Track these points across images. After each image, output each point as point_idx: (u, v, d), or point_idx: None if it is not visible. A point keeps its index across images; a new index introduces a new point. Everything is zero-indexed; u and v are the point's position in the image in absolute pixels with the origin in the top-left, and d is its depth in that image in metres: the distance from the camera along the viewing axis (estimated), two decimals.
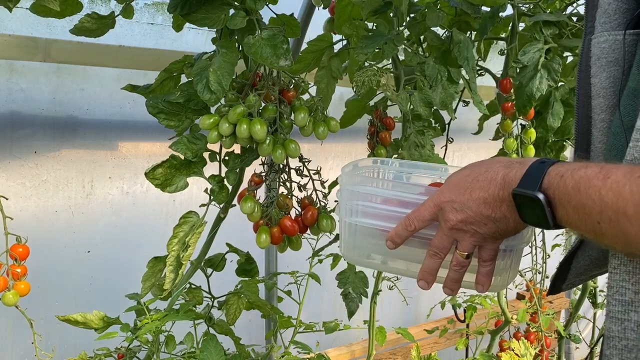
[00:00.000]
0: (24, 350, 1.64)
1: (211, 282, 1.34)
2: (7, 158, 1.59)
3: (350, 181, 0.95)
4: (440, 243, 0.81)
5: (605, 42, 0.71)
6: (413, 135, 1.35)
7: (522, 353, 1.88)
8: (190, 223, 1.18)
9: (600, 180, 0.59)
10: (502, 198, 0.72)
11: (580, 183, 0.61)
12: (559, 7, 1.66)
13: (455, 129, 1.72)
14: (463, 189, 0.76)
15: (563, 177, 0.64)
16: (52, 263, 1.68)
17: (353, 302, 1.46)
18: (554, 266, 2.73)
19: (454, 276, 0.83)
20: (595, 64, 0.71)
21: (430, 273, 0.83)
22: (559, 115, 1.60)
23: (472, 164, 0.79)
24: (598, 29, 0.72)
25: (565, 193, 0.63)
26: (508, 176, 0.71)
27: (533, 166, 0.68)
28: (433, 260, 0.82)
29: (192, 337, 1.21)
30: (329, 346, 2.18)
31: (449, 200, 0.77)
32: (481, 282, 0.83)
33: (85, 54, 1.58)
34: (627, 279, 0.61)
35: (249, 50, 1.07)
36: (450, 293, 0.86)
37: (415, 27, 1.42)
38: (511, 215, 0.72)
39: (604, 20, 0.71)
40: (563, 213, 0.65)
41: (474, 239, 0.78)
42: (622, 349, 0.61)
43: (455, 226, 0.77)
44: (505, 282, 0.89)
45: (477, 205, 0.74)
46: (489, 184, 0.73)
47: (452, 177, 0.80)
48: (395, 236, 0.84)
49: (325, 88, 1.50)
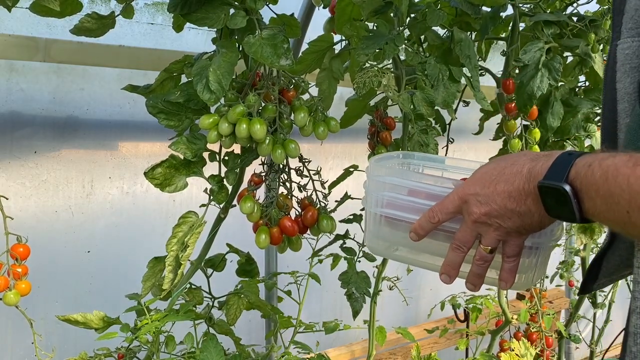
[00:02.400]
0: (24, 350, 1.64)
1: (211, 282, 1.34)
2: (7, 158, 1.59)
3: (377, 172, 0.95)
4: (463, 236, 0.80)
5: (629, 49, 0.71)
6: (417, 135, 1.35)
7: (523, 353, 1.88)
8: (189, 223, 1.18)
9: (629, 168, 0.59)
10: (527, 191, 0.71)
11: (609, 172, 0.61)
12: (559, 7, 1.66)
13: (455, 129, 1.71)
14: (488, 182, 0.75)
15: (591, 167, 0.63)
16: (52, 263, 1.68)
17: (357, 302, 1.46)
18: (553, 266, 2.74)
19: (477, 271, 0.82)
20: (620, 69, 0.71)
21: (453, 267, 0.83)
22: (559, 115, 1.60)
23: (498, 158, 0.79)
24: (624, 35, 0.71)
25: (593, 183, 0.63)
26: (534, 169, 0.71)
27: (560, 158, 0.68)
28: (456, 253, 0.81)
29: (192, 337, 1.21)
30: (329, 346, 2.18)
31: (473, 193, 0.77)
32: (504, 279, 0.82)
33: (85, 54, 1.58)
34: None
35: (250, 49, 1.07)
36: (473, 289, 0.85)
37: (416, 26, 1.41)
38: (536, 209, 0.72)
39: (630, 26, 0.71)
40: (590, 204, 0.64)
41: (498, 233, 0.77)
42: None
43: (478, 219, 0.77)
44: (530, 281, 0.87)
45: (502, 199, 0.74)
46: (514, 177, 0.73)
47: (477, 171, 0.80)
48: (418, 228, 0.84)
49: (327, 89, 1.50)
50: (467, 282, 0.85)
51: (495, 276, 0.84)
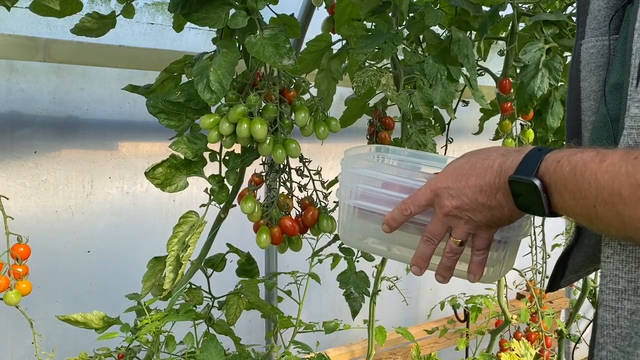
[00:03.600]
0: (24, 350, 1.64)
1: (211, 282, 1.34)
2: (7, 158, 1.59)
3: (352, 164, 0.95)
4: (434, 229, 0.81)
5: (593, 48, 0.72)
6: (415, 135, 1.36)
7: (523, 353, 1.88)
8: (190, 223, 1.18)
9: (596, 163, 0.60)
10: (498, 186, 0.72)
11: (577, 167, 0.62)
12: (559, 7, 1.66)
13: (455, 129, 1.72)
14: (460, 175, 0.76)
15: (560, 163, 0.65)
16: (52, 263, 1.68)
17: (356, 302, 1.46)
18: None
19: (446, 263, 0.83)
20: (585, 68, 0.73)
21: (424, 259, 0.84)
22: (559, 115, 1.60)
23: (470, 152, 0.80)
24: (588, 35, 0.73)
25: (562, 178, 0.64)
26: (505, 164, 0.72)
27: (530, 153, 0.69)
28: (427, 246, 0.82)
29: (192, 337, 1.21)
30: (329, 346, 2.18)
31: (445, 187, 0.78)
32: (473, 272, 0.83)
33: (85, 54, 1.58)
34: (620, 267, 0.62)
35: (252, 49, 1.07)
36: (442, 281, 0.86)
37: (414, 26, 1.42)
38: (506, 203, 0.73)
39: (593, 26, 0.73)
40: (559, 199, 0.65)
41: (468, 226, 0.78)
42: (615, 337, 0.62)
43: (449, 212, 0.78)
44: (498, 274, 0.89)
45: (473, 193, 0.75)
46: (485, 172, 0.74)
47: (450, 164, 0.81)
48: (391, 220, 0.85)
49: (326, 90, 1.50)
50: (436, 274, 0.86)
51: (465, 269, 0.85)
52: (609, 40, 0.71)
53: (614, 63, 0.69)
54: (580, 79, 0.74)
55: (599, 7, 0.73)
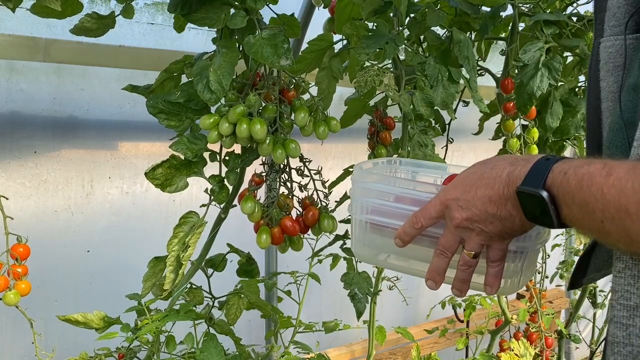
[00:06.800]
0: (24, 350, 1.64)
1: (211, 282, 1.34)
2: (7, 158, 1.59)
3: (363, 178, 0.95)
4: (446, 242, 0.79)
5: (612, 47, 0.70)
6: (417, 135, 1.36)
7: (522, 353, 1.88)
8: (190, 223, 1.18)
9: (602, 177, 0.58)
10: (507, 196, 0.71)
11: (583, 180, 0.60)
12: (559, 7, 1.66)
13: (455, 129, 1.72)
14: (469, 186, 0.75)
15: (566, 175, 0.63)
16: (52, 263, 1.68)
17: (360, 303, 1.46)
18: (553, 266, 2.74)
19: (461, 276, 0.81)
20: (603, 67, 0.71)
21: (438, 273, 0.82)
22: (558, 115, 1.60)
23: (479, 162, 0.78)
24: (607, 32, 0.71)
25: (569, 191, 0.62)
26: (513, 173, 0.70)
27: (538, 163, 0.67)
28: (440, 259, 0.81)
29: (193, 337, 1.21)
30: (329, 346, 2.18)
31: (454, 198, 0.76)
32: (490, 284, 0.81)
33: (85, 54, 1.58)
34: (632, 283, 0.60)
35: (250, 49, 1.07)
36: (459, 295, 0.84)
37: (415, 27, 1.42)
38: (516, 213, 0.71)
39: (613, 23, 0.70)
40: (567, 211, 0.64)
41: (480, 237, 0.76)
42: (626, 354, 0.60)
43: (460, 224, 0.76)
44: (516, 285, 0.87)
45: (483, 203, 0.73)
46: (494, 182, 0.72)
47: (459, 175, 0.79)
48: (403, 234, 0.83)
49: (326, 89, 1.50)
50: (452, 288, 0.84)
51: (481, 281, 0.83)
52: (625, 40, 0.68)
53: (633, 63, 0.66)
54: (600, 79, 0.71)
55: (619, 3, 0.70)
